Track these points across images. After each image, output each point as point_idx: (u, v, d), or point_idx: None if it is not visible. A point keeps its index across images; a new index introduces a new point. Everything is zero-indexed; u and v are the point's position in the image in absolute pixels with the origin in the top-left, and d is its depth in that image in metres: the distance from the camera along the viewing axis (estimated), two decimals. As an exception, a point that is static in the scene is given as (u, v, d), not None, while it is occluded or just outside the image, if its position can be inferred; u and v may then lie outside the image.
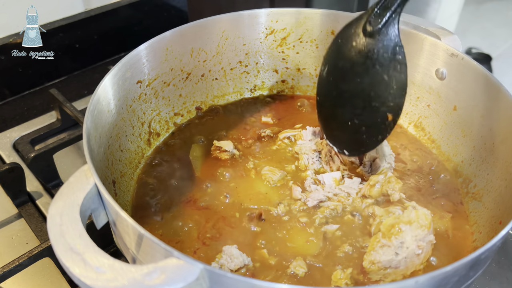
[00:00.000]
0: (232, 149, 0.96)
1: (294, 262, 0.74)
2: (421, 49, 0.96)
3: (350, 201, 0.85)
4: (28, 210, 0.97)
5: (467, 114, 0.92)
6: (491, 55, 3.42)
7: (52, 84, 1.37)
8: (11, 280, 0.81)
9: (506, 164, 0.80)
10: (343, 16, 1.04)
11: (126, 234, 0.64)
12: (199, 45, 1.02)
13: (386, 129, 0.80)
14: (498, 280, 0.86)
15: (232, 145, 0.96)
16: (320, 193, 0.86)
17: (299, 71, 1.14)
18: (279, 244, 0.78)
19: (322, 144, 0.94)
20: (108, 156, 0.83)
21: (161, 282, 0.51)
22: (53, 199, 0.60)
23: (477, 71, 0.87)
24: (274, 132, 1.01)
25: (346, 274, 0.72)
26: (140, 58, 0.92)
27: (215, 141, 0.97)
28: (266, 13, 1.06)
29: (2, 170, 0.93)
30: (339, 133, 0.86)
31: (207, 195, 0.88)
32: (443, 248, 0.79)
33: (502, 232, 0.61)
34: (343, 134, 0.85)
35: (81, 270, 0.53)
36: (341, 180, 0.90)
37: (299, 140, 0.97)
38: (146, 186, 0.90)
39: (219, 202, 0.87)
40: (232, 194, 0.88)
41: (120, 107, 0.88)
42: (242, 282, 0.53)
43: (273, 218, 0.83)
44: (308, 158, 0.93)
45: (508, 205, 0.76)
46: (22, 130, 1.18)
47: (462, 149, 0.93)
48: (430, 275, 0.53)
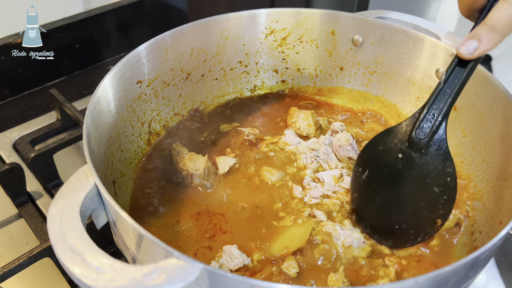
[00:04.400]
0: (233, 163, 0.93)
1: (286, 262, 0.74)
2: (421, 49, 0.96)
3: (348, 198, 0.85)
4: (28, 210, 0.97)
5: (467, 114, 0.92)
6: (491, 55, 3.42)
7: (52, 84, 1.37)
8: (11, 280, 0.81)
9: (506, 164, 0.80)
10: (343, 16, 1.04)
11: (126, 234, 0.64)
12: (199, 45, 1.02)
13: (434, 231, 0.78)
14: (498, 280, 0.86)
15: (234, 161, 0.93)
16: (319, 191, 0.87)
17: (299, 71, 1.14)
18: (277, 243, 0.78)
19: (319, 143, 0.95)
20: (108, 156, 0.83)
21: (161, 282, 0.51)
22: (53, 199, 0.60)
23: (477, 71, 0.87)
24: (257, 137, 1.00)
25: (339, 273, 0.72)
26: (140, 58, 0.92)
27: (216, 158, 0.94)
28: (266, 13, 1.06)
29: (2, 170, 0.93)
30: (384, 231, 0.81)
31: (207, 195, 0.88)
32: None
33: (502, 232, 0.61)
34: (387, 233, 0.80)
35: (81, 270, 0.53)
36: (340, 177, 0.90)
37: (286, 146, 0.96)
38: (146, 186, 0.90)
39: (218, 202, 0.87)
40: (232, 194, 0.88)
41: (120, 107, 0.88)
42: (242, 282, 0.53)
43: (273, 218, 0.83)
44: (306, 157, 0.93)
45: (508, 205, 0.76)
46: (22, 130, 1.18)
47: (462, 149, 0.93)
48: (430, 275, 0.54)
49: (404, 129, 0.77)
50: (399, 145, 0.77)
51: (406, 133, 0.76)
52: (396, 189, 0.78)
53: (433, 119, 0.74)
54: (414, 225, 0.78)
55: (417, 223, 0.77)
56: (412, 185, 0.76)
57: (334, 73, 1.12)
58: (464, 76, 0.72)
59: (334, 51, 1.09)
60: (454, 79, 0.72)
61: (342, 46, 1.08)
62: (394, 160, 0.77)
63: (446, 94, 0.73)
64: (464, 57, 0.69)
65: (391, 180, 0.79)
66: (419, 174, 0.75)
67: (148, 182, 0.91)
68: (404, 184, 0.77)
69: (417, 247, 0.79)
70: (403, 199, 0.78)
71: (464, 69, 0.72)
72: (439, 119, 0.73)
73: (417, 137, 0.75)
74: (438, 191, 0.74)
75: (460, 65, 0.72)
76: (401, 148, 0.77)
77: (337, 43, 1.08)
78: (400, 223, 0.78)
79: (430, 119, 0.74)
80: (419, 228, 0.77)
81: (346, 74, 1.10)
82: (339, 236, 0.78)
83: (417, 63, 0.99)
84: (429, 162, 0.74)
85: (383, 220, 0.80)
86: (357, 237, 0.78)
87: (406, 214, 0.78)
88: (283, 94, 1.15)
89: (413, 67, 1.00)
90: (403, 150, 0.76)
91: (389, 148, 0.78)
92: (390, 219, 0.79)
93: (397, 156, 0.77)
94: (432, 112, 0.74)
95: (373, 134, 1.00)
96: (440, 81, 0.73)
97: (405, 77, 1.02)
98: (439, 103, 0.73)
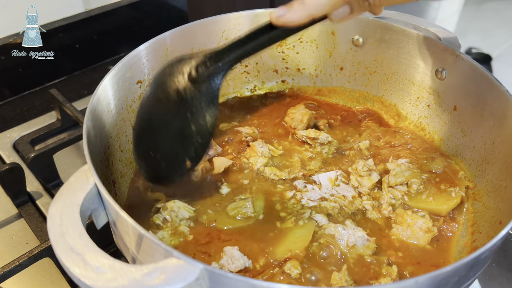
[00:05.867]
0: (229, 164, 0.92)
1: (288, 263, 0.74)
2: (421, 49, 0.96)
3: (346, 202, 0.85)
4: (28, 210, 0.97)
5: (467, 114, 0.92)
6: (491, 55, 3.42)
7: (52, 84, 1.37)
8: (11, 280, 0.81)
9: (506, 164, 0.80)
10: (343, 16, 1.04)
11: (126, 234, 0.64)
12: (199, 45, 1.02)
13: (182, 172, 0.81)
14: (498, 280, 0.86)
15: (230, 162, 0.93)
16: (317, 193, 0.86)
17: (299, 71, 1.14)
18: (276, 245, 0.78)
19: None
20: (108, 156, 0.83)
21: (161, 282, 0.51)
22: (53, 199, 0.60)
23: (477, 71, 0.87)
24: (255, 138, 0.99)
25: (343, 272, 0.72)
26: (140, 58, 0.92)
27: (214, 158, 0.93)
28: (266, 13, 1.05)
29: (2, 170, 0.93)
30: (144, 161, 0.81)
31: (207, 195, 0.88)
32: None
33: (502, 232, 0.61)
34: (145, 163, 0.81)
35: (81, 270, 0.53)
36: (336, 180, 0.90)
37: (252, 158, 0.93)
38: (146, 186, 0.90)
39: (218, 202, 0.87)
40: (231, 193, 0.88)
41: (120, 107, 0.88)
42: (242, 282, 0.53)
43: (272, 218, 0.83)
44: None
45: (508, 205, 0.76)
46: (22, 130, 1.18)
47: (462, 149, 0.93)
48: (430, 275, 0.54)
49: (191, 61, 0.76)
50: (181, 74, 0.77)
51: (192, 65, 0.76)
52: (162, 111, 0.79)
53: (218, 63, 0.75)
54: (166, 158, 0.79)
55: (170, 158, 0.79)
56: (175, 114, 0.78)
57: (334, 73, 1.12)
58: (265, 39, 0.73)
59: (334, 51, 1.09)
60: (255, 37, 0.73)
61: (342, 46, 1.08)
62: (170, 86, 0.77)
63: (240, 47, 0.74)
64: (272, 20, 0.71)
65: (162, 102, 0.78)
66: (184, 105, 0.77)
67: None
68: (168, 110, 0.78)
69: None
70: (163, 125, 0.79)
71: (269, 32, 0.72)
72: (223, 66, 0.75)
73: (198, 73, 0.75)
74: (195, 130, 0.77)
75: (268, 28, 0.72)
76: (179, 77, 0.77)
77: (337, 43, 1.08)
78: (155, 154, 0.79)
79: (216, 63, 0.75)
80: (171, 163, 0.80)
81: (346, 74, 1.10)
82: (342, 236, 0.78)
83: (417, 63, 0.99)
84: (197, 99, 0.76)
85: (142, 147, 0.80)
86: (360, 235, 0.78)
87: (162, 144, 0.79)
88: (283, 94, 1.15)
89: (413, 67, 1.00)
90: (180, 79, 0.77)
91: (173, 73, 0.77)
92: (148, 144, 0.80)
93: (174, 82, 0.77)
94: (223, 56, 0.74)
95: (369, 133, 1.01)
96: (242, 34, 0.74)
97: (405, 77, 1.02)
98: (231, 52, 0.74)
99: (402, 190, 0.86)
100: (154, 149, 0.79)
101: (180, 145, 0.79)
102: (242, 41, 0.74)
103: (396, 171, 0.88)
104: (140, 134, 0.80)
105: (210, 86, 0.76)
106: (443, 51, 0.92)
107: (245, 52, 0.74)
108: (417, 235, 0.80)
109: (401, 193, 0.86)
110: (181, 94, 0.76)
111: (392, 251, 0.78)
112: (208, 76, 0.75)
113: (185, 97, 0.76)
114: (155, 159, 0.79)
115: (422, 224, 0.80)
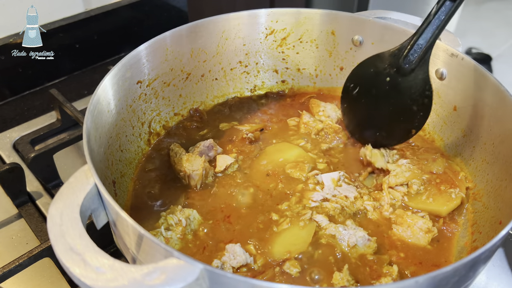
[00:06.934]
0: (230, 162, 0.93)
1: (287, 263, 0.74)
2: (421, 49, 0.97)
3: (348, 203, 0.85)
4: (28, 210, 0.97)
5: (467, 114, 0.92)
6: (491, 55, 3.42)
7: (52, 84, 1.37)
8: (11, 280, 0.81)
9: (506, 164, 0.80)
10: (343, 16, 1.04)
11: (126, 234, 0.64)
12: (199, 45, 1.02)
13: (409, 137, 0.95)
14: (498, 280, 0.86)
15: (232, 160, 0.93)
16: (320, 194, 0.86)
17: (299, 71, 1.14)
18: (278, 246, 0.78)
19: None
20: (108, 156, 0.83)
21: (161, 282, 0.51)
22: (53, 199, 0.60)
23: (477, 71, 0.87)
24: (256, 136, 1.00)
25: (344, 271, 0.72)
26: (140, 58, 0.92)
27: (217, 156, 0.94)
28: (266, 13, 1.06)
29: (2, 170, 0.93)
30: (368, 136, 0.98)
31: (206, 195, 0.88)
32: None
33: (502, 232, 0.61)
34: (371, 136, 0.97)
35: (81, 270, 0.53)
36: (339, 180, 0.90)
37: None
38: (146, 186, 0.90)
39: (217, 202, 0.87)
40: (230, 194, 0.88)
41: (120, 107, 0.88)
42: (242, 282, 0.53)
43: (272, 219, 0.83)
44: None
45: (508, 205, 0.76)
46: (22, 130, 1.18)
47: (462, 149, 0.93)
48: (430, 275, 0.54)
49: (393, 56, 0.90)
50: (388, 70, 0.91)
51: (395, 60, 0.89)
52: (382, 105, 0.94)
53: (420, 49, 0.86)
54: (395, 134, 0.95)
55: (397, 132, 0.94)
56: (395, 103, 0.92)
57: (334, 73, 1.12)
58: (452, 9, 0.82)
59: (334, 51, 1.09)
60: (443, 13, 0.83)
61: (342, 46, 1.08)
62: (383, 82, 0.92)
63: (434, 25, 0.84)
64: None
65: (379, 98, 0.94)
66: (403, 95, 0.90)
67: (149, 182, 0.91)
68: (389, 102, 0.93)
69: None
70: (387, 113, 0.94)
71: (453, 3, 0.81)
72: (424, 49, 0.85)
73: (404, 64, 0.88)
74: (417, 109, 0.90)
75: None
76: (389, 73, 0.91)
77: (337, 43, 1.08)
78: (382, 131, 0.95)
79: (417, 50, 0.86)
80: (399, 135, 0.95)
81: (346, 74, 1.10)
82: (343, 237, 0.78)
83: (417, 63, 0.99)
84: (411, 86, 0.89)
85: (369, 128, 0.97)
86: (361, 235, 0.78)
87: (388, 125, 0.95)
88: (283, 94, 1.15)
89: (413, 67, 1.00)
90: (391, 74, 0.91)
91: (379, 71, 0.92)
92: (374, 128, 0.96)
93: (385, 79, 0.91)
94: (419, 42, 0.86)
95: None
96: (430, 13, 0.83)
97: (405, 77, 1.03)
98: (426, 34, 0.85)
99: (402, 191, 0.86)
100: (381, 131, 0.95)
101: (405, 121, 0.92)
102: (431, 22, 0.84)
103: (396, 172, 0.88)
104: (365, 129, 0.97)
105: (421, 71, 0.87)
106: (443, 51, 0.92)
107: (438, 30, 0.83)
108: (417, 235, 0.80)
109: (401, 194, 0.86)
110: (398, 88, 0.90)
111: (394, 251, 0.78)
112: (417, 63, 0.86)
113: (402, 89, 0.89)
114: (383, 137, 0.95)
115: (422, 224, 0.80)
